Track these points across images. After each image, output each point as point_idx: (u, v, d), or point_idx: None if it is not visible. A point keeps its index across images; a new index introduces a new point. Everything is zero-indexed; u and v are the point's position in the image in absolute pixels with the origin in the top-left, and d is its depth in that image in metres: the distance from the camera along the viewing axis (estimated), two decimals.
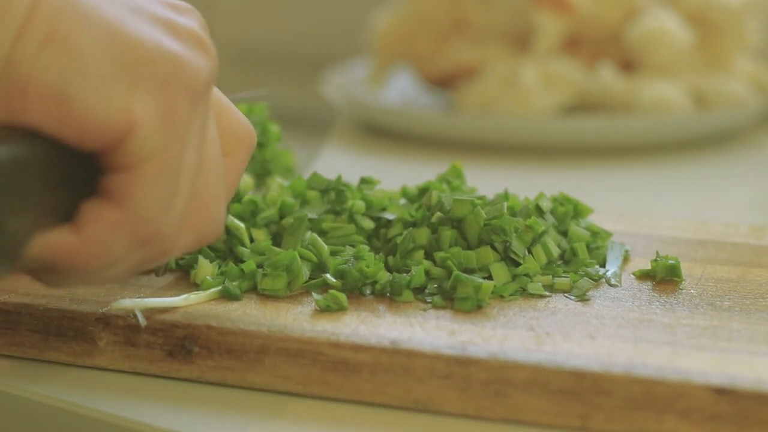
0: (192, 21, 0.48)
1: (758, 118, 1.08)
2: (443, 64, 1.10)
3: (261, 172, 0.66)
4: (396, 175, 0.71)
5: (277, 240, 0.59)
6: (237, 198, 0.62)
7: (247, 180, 0.66)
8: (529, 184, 0.71)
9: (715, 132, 1.05)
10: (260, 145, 0.66)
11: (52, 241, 0.46)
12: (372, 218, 0.60)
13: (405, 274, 0.55)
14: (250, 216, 0.60)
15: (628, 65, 1.07)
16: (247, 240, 0.59)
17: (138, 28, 0.46)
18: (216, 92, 0.52)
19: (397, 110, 1.09)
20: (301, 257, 0.56)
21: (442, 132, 1.05)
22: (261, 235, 0.59)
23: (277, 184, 0.64)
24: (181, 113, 0.46)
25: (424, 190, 0.62)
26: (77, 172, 0.47)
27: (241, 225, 0.59)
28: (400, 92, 1.18)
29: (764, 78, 1.10)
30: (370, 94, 1.15)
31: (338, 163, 0.98)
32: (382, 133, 1.10)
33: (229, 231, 0.59)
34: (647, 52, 1.04)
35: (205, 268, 0.57)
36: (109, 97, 0.45)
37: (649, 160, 1.00)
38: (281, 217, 0.60)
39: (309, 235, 0.58)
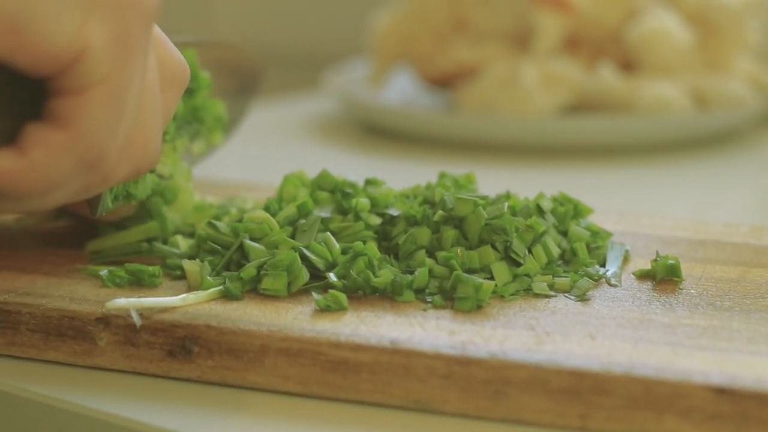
0: None
1: (758, 118, 1.09)
2: (443, 64, 1.10)
3: (191, 119, 0.66)
4: (396, 175, 0.71)
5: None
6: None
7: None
8: (529, 184, 0.71)
9: (715, 132, 1.05)
10: (190, 91, 0.66)
11: None
12: (378, 215, 0.60)
13: (408, 275, 0.55)
14: None
15: (628, 65, 1.07)
16: (276, 226, 0.58)
17: None
18: (155, 27, 0.52)
19: (397, 110, 1.09)
20: (315, 254, 0.56)
21: (442, 132, 1.05)
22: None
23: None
24: (132, 38, 0.47)
25: (426, 188, 0.62)
26: (22, 97, 0.47)
27: (267, 215, 0.59)
28: (400, 92, 1.18)
29: (764, 78, 1.10)
30: (370, 94, 1.15)
31: (338, 163, 0.98)
32: (382, 133, 1.10)
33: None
34: (647, 52, 1.04)
35: (194, 272, 0.56)
36: (62, 22, 0.45)
37: (649, 160, 1.00)
38: (299, 217, 0.60)
39: (322, 235, 0.58)
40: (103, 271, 0.57)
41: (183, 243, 0.61)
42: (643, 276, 0.58)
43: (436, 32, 1.11)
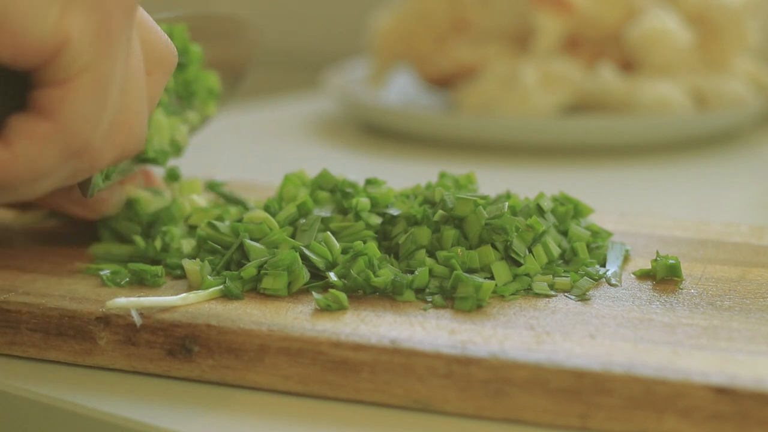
0: None
1: (758, 118, 1.09)
2: (443, 64, 1.10)
3: (184, 93, 0.66)
4: (396, 175, 0.71)
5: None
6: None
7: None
8: (529, 184, 0.71)
9: (715, 132, 1.05)
10: (182, 66, 0.66)
11: None
12: (378, 214, 0.60)
13: (408, 275, 0.55)
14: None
15: (628, 65, 1.07)
16: (275, 225, 0.58)
17: None
18: (139, 9, 0.53)
19: (397, 110, 1.09)
20: (316, 253, 0.56)
21: (442, 132, 1.05)
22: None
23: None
24: (113, 27, 0.48)
25: (427, 188, 0.62)
26: (4, 90, 0.47)
27: (267, 215, 0.59)
28: (400, 92, 1.18)
29: (764, 78, 1.10)
30: (370, 94, 1.15)
31: (338, 163, 0.98)
32: (382, 133, 1.10)
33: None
34: (647, 52, 1.04)
35: (194, 272, 0.56)
36: (43, 15, 0.46)
37: (649, 160, 1.00)
38: (300, 216, 0.60)
39: (322, 235, 0.58)
40: (104, 271, 0.58)
41: (186, 245, 0.61)
42: (643, 276, 0.58)
43: (436, 32, 1.11)
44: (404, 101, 1.15)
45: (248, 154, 1.08)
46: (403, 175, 0.74)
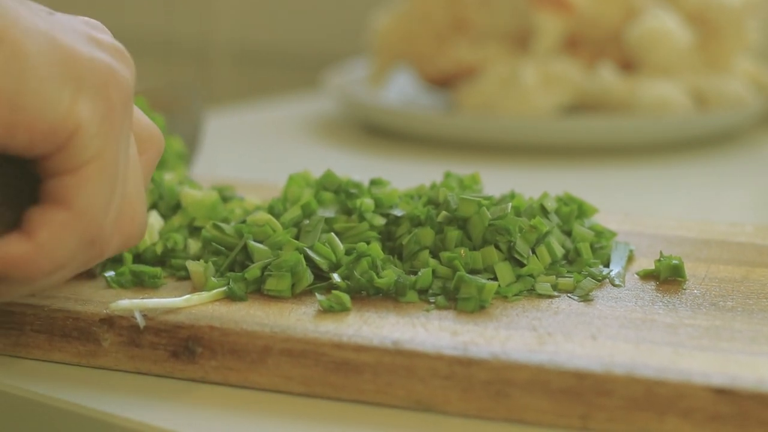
0: (109, 36, 0.51)
1: (758, 118, 1.09)
2: (443, 64, 1.10)
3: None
4: (396, 175, 0.71)
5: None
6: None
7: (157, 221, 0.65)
8: (528, 184, 0.71)
9: (715, 132, 1.05)
10: None
11: (4, 251, 0.47)
12: (382, 215, 0.60)
13: (411, 276, 0.56)
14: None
15: (628, 65, 1.07)
16: (279, 227, 0.58)
17: (71, 39, 0.48)
18: None
19: (397, 110, 1.09)
20: (319, 254, 0.56)
21: (442, 132, 1.05)
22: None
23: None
24: (117, 115, 0.49)
25: (431, 188, 0.63)
26: (16, 185, 0.48)
27: (270, 216, 0.59)
28: (400, 92, 1.18)
29: (764, 78, 1.10)
30: (370, 94, 1.15)
31: (338, 163, 0.98)
32: (382, 133, 1.10)
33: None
34: (647, 52, 1.04)
35: (198, 273, 0.57)
36: (56, 101, 0.47)
37: (650, 160, 1.00)
38: (304, 217, 0.60)
39: (326, 236, 0.58)
40: (109, 273, 0.58)
41: (191, 246, 0.61)
42: (646, 276, 0.58)
43: (436, 32, 1.11)
44: (404, 101, 1.15)
45: (248, 154, 1.08)
46: (402, 176, 0.74)
